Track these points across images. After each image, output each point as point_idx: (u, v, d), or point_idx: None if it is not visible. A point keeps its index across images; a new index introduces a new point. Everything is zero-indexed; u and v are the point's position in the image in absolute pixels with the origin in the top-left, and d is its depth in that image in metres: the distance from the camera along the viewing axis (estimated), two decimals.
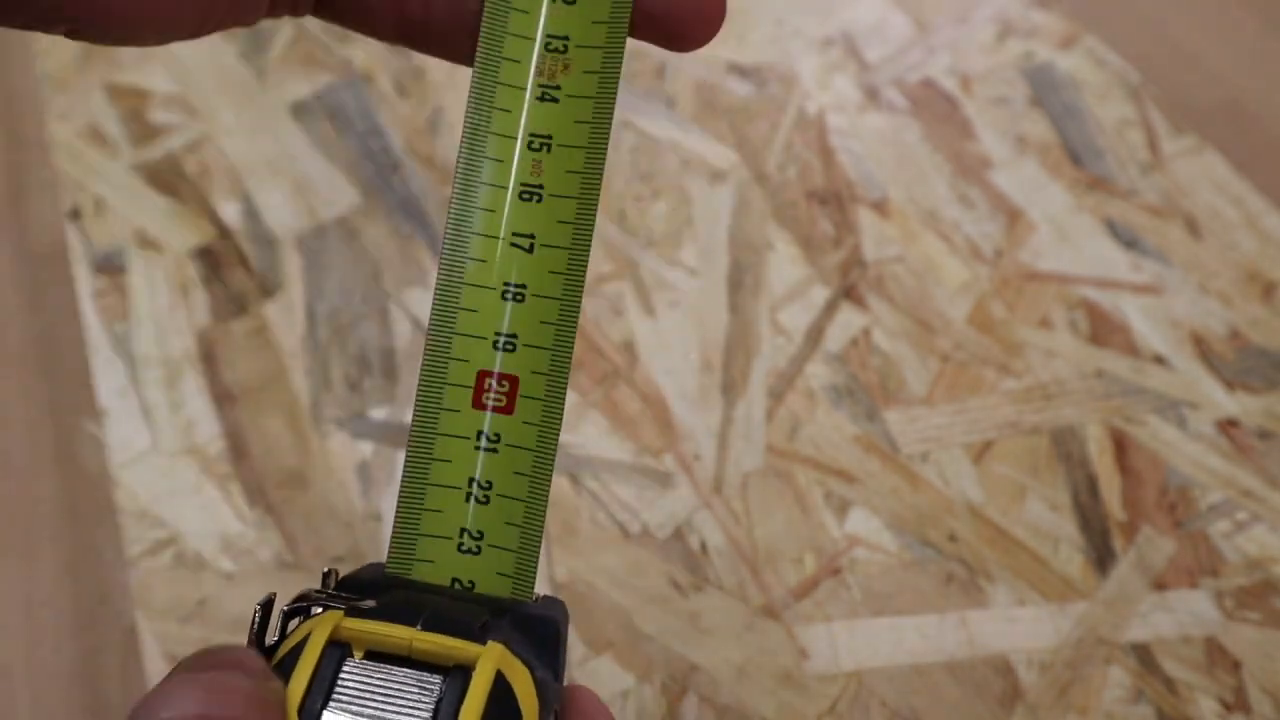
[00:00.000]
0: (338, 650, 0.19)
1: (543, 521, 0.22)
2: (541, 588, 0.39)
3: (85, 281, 0.48)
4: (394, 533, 0.22)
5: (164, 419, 0.44)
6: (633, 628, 0.38)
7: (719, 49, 0.56)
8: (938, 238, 0.48)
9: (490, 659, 0.18)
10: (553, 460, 0.22)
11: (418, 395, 0.22)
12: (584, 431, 0.43)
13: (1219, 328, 0.45)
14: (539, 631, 0.20)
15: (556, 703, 0.20)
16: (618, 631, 0.38)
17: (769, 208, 0.50)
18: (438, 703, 0.18)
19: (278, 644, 0.19)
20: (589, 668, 0.37)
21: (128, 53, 0.57)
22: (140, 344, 0.46)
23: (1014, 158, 0.51)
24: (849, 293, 0.47)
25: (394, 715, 0.18)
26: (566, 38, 0.22)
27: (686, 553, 0.40)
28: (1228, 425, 0.42)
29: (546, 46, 0.22)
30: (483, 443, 0.22)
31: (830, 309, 0.46)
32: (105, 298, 0.47)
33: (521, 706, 0.19)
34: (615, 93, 0.22)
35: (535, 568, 0.22)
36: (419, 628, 0.19)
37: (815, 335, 0.45)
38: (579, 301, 0.23)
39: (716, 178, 0.51)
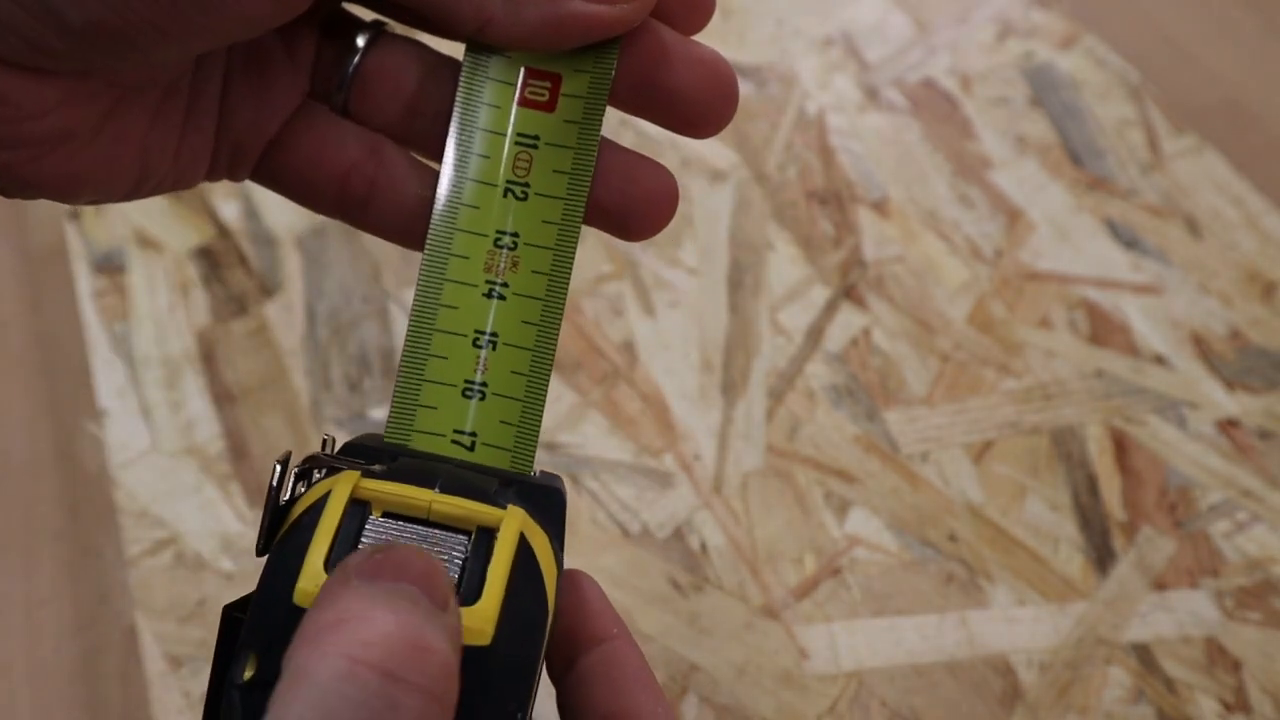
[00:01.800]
0: (359, 509, 0.18)
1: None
2: None
3: (85, 281, 0.48)
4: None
5: (164, 419, 0.44)
6: (633, 628, 0.38)
7: (719, 49, 0.56)
8: (938, 238, 0.48)
9: (515, 521, 0.18)
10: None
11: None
12: (584, 431, 0.43)
13: (1219, 328, 0.45)
14: (544, 502, 0.20)
15: (561, 568, 0.20)
16: None
17: (769, 208, 0.50)
18: (464, 561, 0.18)
19: (291, 503, 0.19)
20: None
21: None
22: (140, 344, 0.46)
23: (1014, 158, 0.51)
24: (849, 293, 0.47)
25: None
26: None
27: (686, 553, 0.40)
28: (1228, 425, 0.42)
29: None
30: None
31: (830, 309, 0.46)
32: (105, 298, 0.47)
33: (542, 571, 0.18)
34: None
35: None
36: (436, 490, 0.19)
37: (815, 335, 0.45)
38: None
39: (716, 178, 0.51)
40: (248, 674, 0.17)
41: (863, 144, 0.52)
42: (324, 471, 0.19)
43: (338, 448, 0.21)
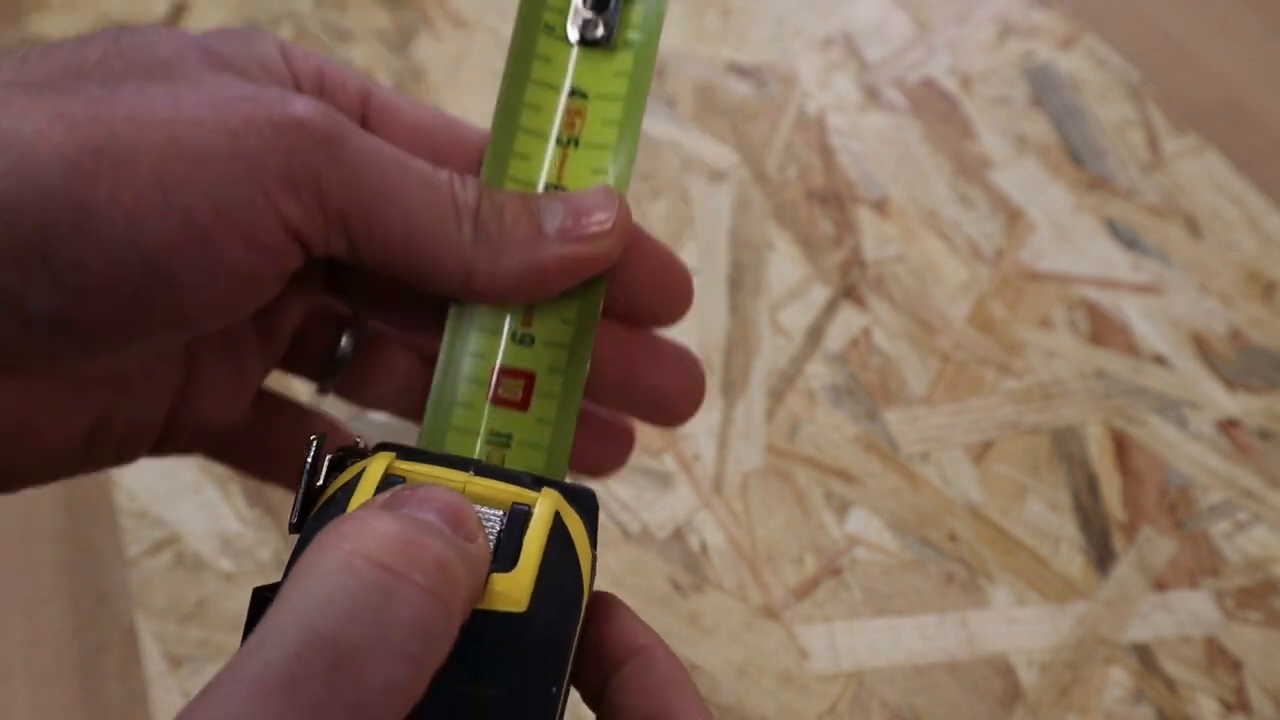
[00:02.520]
0: (394, 483, 0.18)
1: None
2: None
3: None
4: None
5: None
6: None
7: (719, 49, 0.56)
8: (938, 238, 0.48)
9: (550, 499, 0.18)
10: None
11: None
12: None
13: (1219, 328, 0.45)
14: (578, 503, 0.20)
15: (594, 577, 0.20)
16: None
17: (769, 208, 0.50)
18: (500, 534, 0.18)
19: (324, 486, 0.19)
20: None
21: None
22: None
23: (1014, 158, 0.51)
24: (849, 293, 0.47)
25: None
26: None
27: (686, 553, 0.40)
28: (1228, 425, 0.42)
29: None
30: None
31: (830, 309, 0.46)
32: None
33: (577, 551, 0.18)
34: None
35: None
36: (472, 473, 0.19)
37: (815, 335, 0.45)
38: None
39: (716, 178, 0.51)
40: None
41: (863, 144, 0.52)
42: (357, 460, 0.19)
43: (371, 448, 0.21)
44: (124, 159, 0.17)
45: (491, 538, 0.18)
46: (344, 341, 0.24)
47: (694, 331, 0.46)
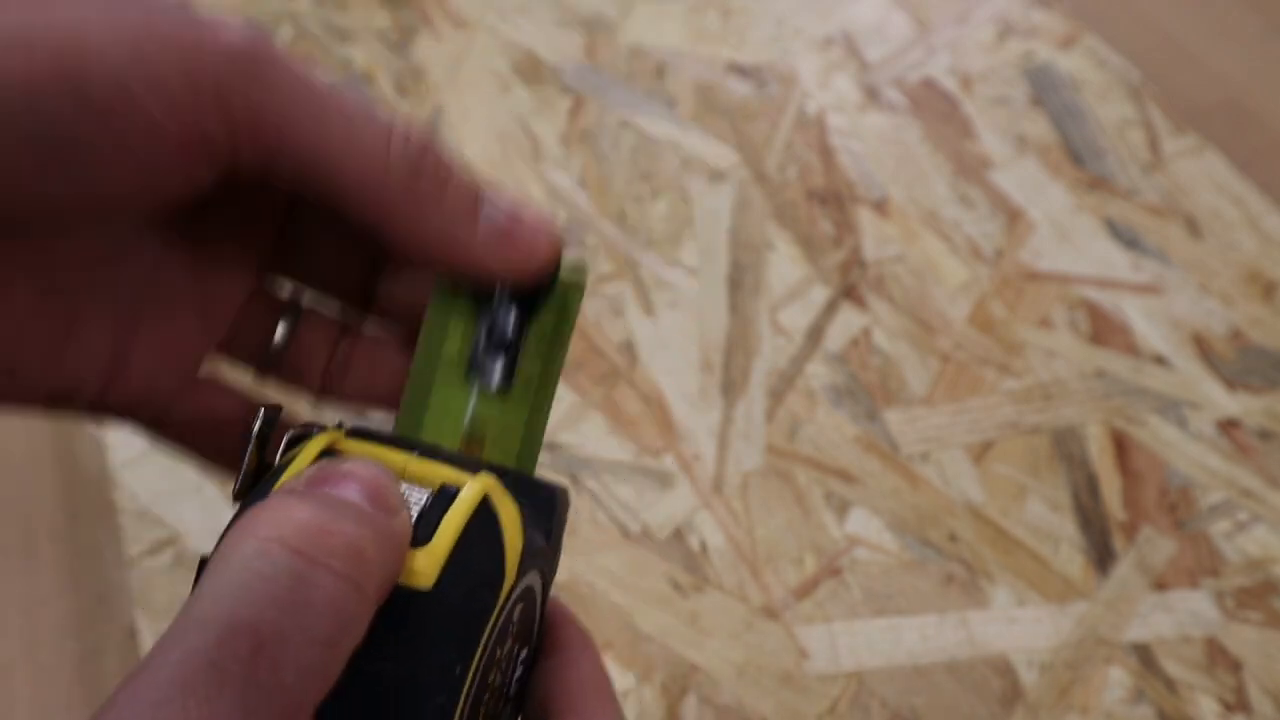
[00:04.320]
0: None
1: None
2: None
3: None
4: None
5: None
6: (633, 628, 0.38)
7: (719, 49, 0.56)
8: (938, 238, 0.48)
9: (479, 482, 0.18)
10: None
11: None
12: (584, 431, 0.43)
13: (1219, 328, 0.45)
14: (534, 495, 0.20)
15: (547, 570, 0.20)
16: (618, 631, 0.38)
17: (769, 208, 0.50)
18: (421, 513, 0.18)
19: (282, 469, 0.19)
20: None
21: None
22: None
23: (1014, 158, 0.51)
24: (849, 293, 0.47)
25: None
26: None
27: (686, 553, 0.40)
28: (1228, 425, 0.42)
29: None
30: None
31: (830, 309, 0.46)
32: None
33: (505, 537, 0.18)
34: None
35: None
36: (415, 454, 0.19)
37: (815, 335, 0.45)
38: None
39: (716, 178, 0.51)
40: None
41: (863, 144, 0.52)
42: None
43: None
44: (20, 43, 0.17)
45: (412, 517, 0.18)
46: (280, 328, 0.23)
47: (694, 331, 0.46)
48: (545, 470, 0.42)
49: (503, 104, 0.54)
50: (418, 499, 0.18)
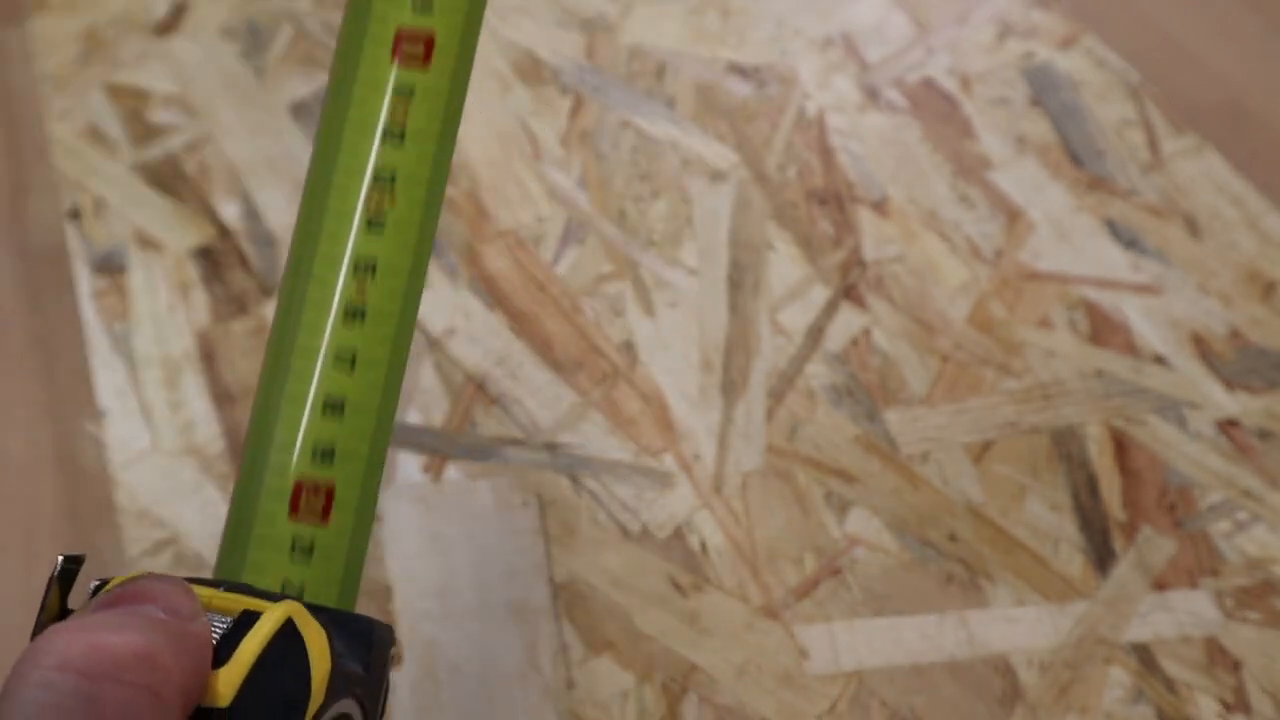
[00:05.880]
0: None
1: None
2: (539, 588, 0.39)
3: (85, 281, 0.48)
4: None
5: (164, 419, 0.44)
6: (633, 628, 0.38)
7: (719, 49, 0.56)
8: (938, 238, 0.48)
9: (282, 607, 0.19)
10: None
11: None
12: (584, 431, 0.43)
13: (1219, 328, 0.45)
14: (350, 629, 0.20)
15: (367, 700, 0.20)
16: (618, 631, 0.38)
17: (769, 208, 0.50)
18: (223, 637, 0.18)
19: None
20: (589, 668, 0.37)
21: (128, 52, 0.57)
22: (140, 344, 0.46)
23: (1014, 158, 0.51)
24: (849, 293, 0.47)
25: None
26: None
27: (686, 553, 0.40)
28: (1228, 425, 0.42)
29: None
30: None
31: (830, 309, 0.46)
32: (105, 298, 0.47)
33: (311, 659, 0.18)
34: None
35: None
36: (221, 589, 0.19)
37: (815, 335, 0.45)
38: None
39: (716, 178, 0.51)
40: None
41: (863, 144, 0.52)
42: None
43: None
44: None
45: (216, 637, 0.18)
46: None
47: (694, 331, 0.46)
48: (545, 469, 0.42)
49: (503, 104, 0.54)
50: (220, 624, 0.18)
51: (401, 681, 0.37)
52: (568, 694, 0.37)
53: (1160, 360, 0.44)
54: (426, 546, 0.40)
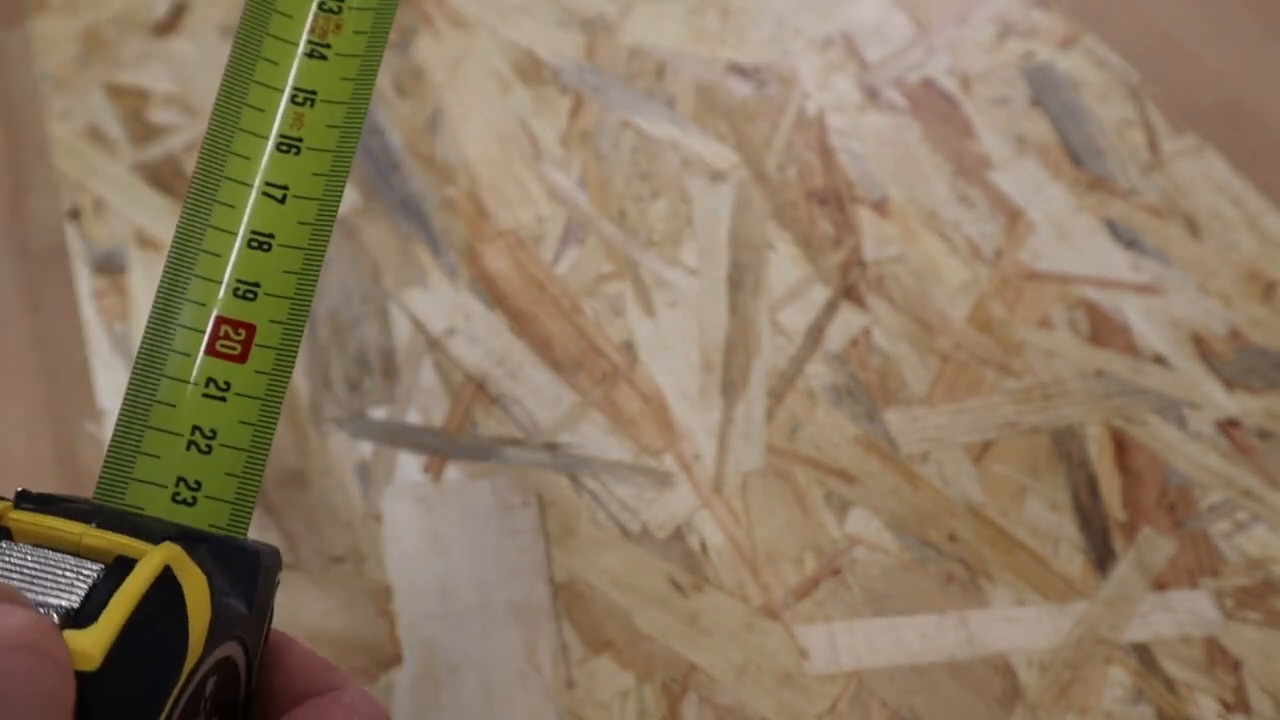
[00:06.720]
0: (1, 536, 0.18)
1: (261, 473, 0.21)
2: (539, 588, 0.39)
3: (85, 281, 0.48)
4: (103, 473, 0.21)
5: None
6: (633, 628, 0.38)
7: (719, 49, 0.56)
8: (938, 238, 0.48)
9: (160, 552, 0.18)
10: (278, 411, 0.21)
11: (145, 334, 0.21)
12: (584, 431, 0.43)
13: (1219, 328, 0.45)
14: (236, 561, 0.20)
15: (249, 638, 0.20)
16: (618, 631, 0.38)
17: (769, 208, 0.50)
18: (92, 588, 0.17)
19: None
20: (589, 668, 0.37)
21: (128, 52, 0.57)
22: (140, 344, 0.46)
23: (1014, 158, 0.51)
24: (849, 293, 0.47)
25: (41, 596, 0.17)
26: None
27: (686, 553, 0.40)
28: (1228, 425, 0.42)
29: (321, 6, 0.23)
30: (211, 390, 0.21)
31: (830, 309, 0.46)
32: (105, 298, 0.47)
33: (189, 608, 0.18)
34: (381, 52, 0.23)
35: (249, 520, 0.21)
36: (93, 525, 0.18)
37: (815, 335, 0.45)
38: (323, 253, 0.22)
39: (716, 178, 0.51)
40: None
41: (863, 144, 0.52)
42: None
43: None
44: None
45: (81, 590, 0.17)
46: None
47: (694, 331, 0.46)
48: (545, 469, 0.42)
49: (503, 104, 0.54)
50: (89, 574, 0.17)
51: (401, 681, 0.37)
52: (568, 694, 0.37)
53: (1160, 360, 0.44)
54: (426, 546, 0.40)
